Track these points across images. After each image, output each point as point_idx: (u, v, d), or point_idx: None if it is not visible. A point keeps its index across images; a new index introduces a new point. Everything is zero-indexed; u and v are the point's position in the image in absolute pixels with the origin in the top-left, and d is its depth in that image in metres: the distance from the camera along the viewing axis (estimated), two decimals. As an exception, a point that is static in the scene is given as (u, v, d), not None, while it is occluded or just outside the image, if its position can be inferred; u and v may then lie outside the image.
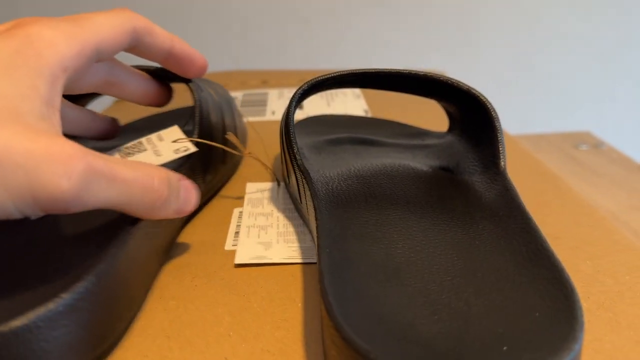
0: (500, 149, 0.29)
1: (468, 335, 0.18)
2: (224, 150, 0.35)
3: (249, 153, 0.35)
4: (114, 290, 0.22)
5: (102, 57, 0.25)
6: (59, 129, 0.21)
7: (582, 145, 0.72)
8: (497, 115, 0.29)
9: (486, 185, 0.28)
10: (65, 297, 0.19)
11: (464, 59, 0.94)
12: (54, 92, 0.21)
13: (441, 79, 0.31)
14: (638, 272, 0.26)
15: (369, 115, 0.51)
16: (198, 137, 0.32)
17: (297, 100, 0.32)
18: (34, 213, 0.19)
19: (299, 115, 0.52)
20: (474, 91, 0.30)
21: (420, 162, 0.32)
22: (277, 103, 0.56)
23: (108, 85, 0.30)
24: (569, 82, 0.97)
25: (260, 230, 0.31)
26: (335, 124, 0.42)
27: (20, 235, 0.25)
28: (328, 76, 0.32)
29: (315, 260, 0.28)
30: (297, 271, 0.27)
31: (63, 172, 0.19)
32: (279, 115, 0.52)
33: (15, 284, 0.21)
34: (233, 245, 0.30)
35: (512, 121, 0.97)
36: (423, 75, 0.32)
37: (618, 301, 0.24)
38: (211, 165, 0.34)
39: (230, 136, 0.33)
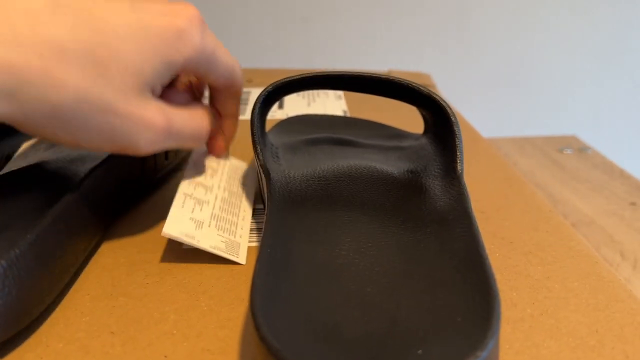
0: (458, 154, 0.29)
1: (390, 337, 0.18)
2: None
3: None
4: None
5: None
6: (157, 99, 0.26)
7: (566, 149, 0.72)
8: (456, 120, 0.30)
9: (443, 189, 0.28)
10: None
11: (455, 60, 0.94)
12: (170, 78, 0.26)
13: (403, 83, 0.31)
14: (587, 278, 0.27)
15: (348, 115, 0.51)
16: None
17: (262, 102, 0.32)
18: (115, 152, 0.25)
19: (279, 114, 0.52)
20: (434, 96, 0.30)
21: (389, 165, 0.32)
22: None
23: None
24: (559, 85, 0.97)
25: (196, 204, 0.30)
26: (317, 123, 0.42)
27: None
28: (292, 78, 0.32)
29: (240, 261, 0.28)
30: (252, 271, 0.27)
31: (152, 139, 0.25)
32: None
33: None
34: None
35: (503, 123, 0.97)
36: (385, 78, 0.32)
37: (562, 307, 0.24)
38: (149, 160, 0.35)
39: None
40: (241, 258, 0.28)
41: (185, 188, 0.31)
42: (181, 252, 0.29)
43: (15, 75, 0.20)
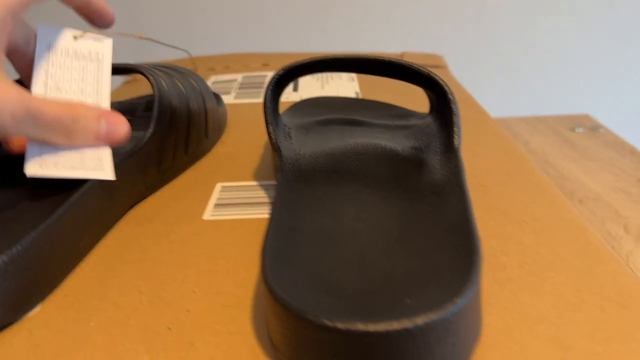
0: (455, 129, 0.31)
1: (384, 291, 0.21)
2: (186, 139, 0.38)
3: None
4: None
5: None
6: (2, 70, 0.26)
7: (578, 128, 0.73)
8: (454, 98, 0.32)
9: (441, 163, 0.30)
10: None
11: (470, 42, 0.95)
12: (2, 36, 0.25)
13: (404, 64, 0.33)
14: (575, 245, 0.28)
15: (360, 97, 0.53)
16: (156, 122, 0.35)
17: (274, 85, 0.34)
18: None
19: (293, 97, 0.54)
20: (433, 76, 0.32)
21: (396, 142, 0.34)
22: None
23: None
24: (574, 64, 0.97)
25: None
26: (330, 105, 0.44)
27: None
28: (301, 62, 0.34)
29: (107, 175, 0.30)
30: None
31: (8, 112, 0.24)
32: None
33: None
34: (211, 216, 0.33)
35: (518, 103, 0.98)
36: (388, 60, 0.34)
37: (549, 270, 0.27)
38: (168, 153, 0.37)
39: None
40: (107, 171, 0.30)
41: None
42: (201, 224, 0.32)
43: None
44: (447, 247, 0.23)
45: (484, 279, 0.26)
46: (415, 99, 0.51)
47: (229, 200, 0.34)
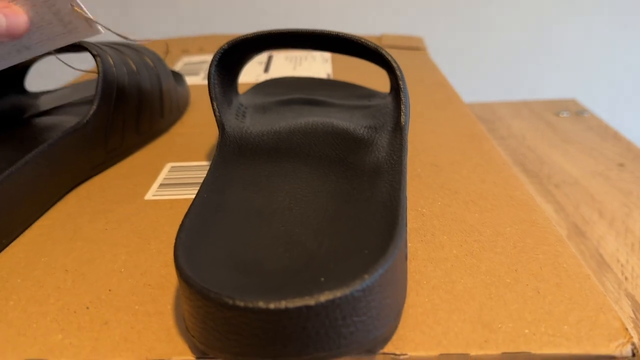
0: (402, 107, 0.30)
1: (304, 270, 0.20)
2: (137, 118, 0.37)
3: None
4: None
5: None
6: None
7: (562, 113, 0.71)
8: (401, 74, 0.31)
9: (388, 142, 0.29)
10: None
11: (454, 25, 0.93)
12: None
13: (353, 39, 0.32)
14: (521, 224, 0.28)
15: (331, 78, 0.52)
16: (100, 99, 0.34)
17: (218, 60, 0.33)
18: None
19: (264, 78, 0.53)
20: (381, 51, 0.31)
21: (351, 122, 0.33)
22: (246, 67, 0.57)
23: None
24: (564, 47, 0.96)
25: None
26: (294, 85, 0.43)
27: None
28: (246, 36, 0.33)
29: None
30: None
31: None
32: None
33: None
34: (153, 196, 0.32)
35: (503, 87, 0.97)
36: (337, 35, 0.33)
37: (488, 250, 0.26)
38: (116, 132, 0.36)
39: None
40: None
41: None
42: (142, 204, 0.31)
43: None
44: (373, 225, 0.22)
45: (418, 258, 0.25)
46: (383, 79, 0.50)
47: (175, 180, 0.33)
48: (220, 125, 0.30)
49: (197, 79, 0.54)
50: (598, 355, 0.20)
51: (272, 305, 0.17)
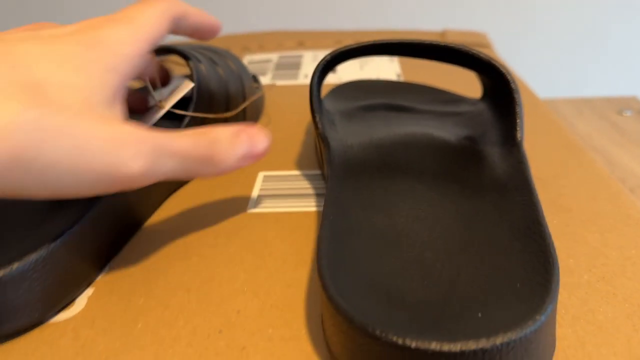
0: (518, 121, 0.29)
1: (450, 302, 0.19)
2: (223, 124, 0.37)
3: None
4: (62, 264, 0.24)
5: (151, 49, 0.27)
6: (125, 115, 0.24)
7: (626, 111, 0.70)
8: (517, 87, 0.30)
9: (502, 157, 0.28)
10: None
11: (511, 18, 0.91)
12: (122, 85, 0.24)
13: (463, 49, 0.31)
14: (646, 246, 0.27)
15: (401, 79, 0.51)
16: (194, 109, 0.34)
17: (320, 72, 0.32)
18: (104, 192, 0.22)
19: (331, 78, 0.52)
20: (494, 63, 0.30)
21: (446, 131, 0.32)
22: (311, 66, 0.57)
23: None
24: (621, 43, 0.93)
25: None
26: (371, 89, 0.43)
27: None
28: (350, 47, 0.32)
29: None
30: (312, 235, 0.29)
31: (135, 153, 0.21)
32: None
33: None
34: (256, 209, 0.31)
35: (561, 83, 0.95)
36: (445, 45, 0.32)
37: (619, 274, 0.25)
38: None
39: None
40: None
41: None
42: (245, 216, 0.31)
43: None
44: (517, 252, 0.21)
45: (550, 284, 0.24)
46: (459, 80, 0.49)
47: (272, 192, 0.33)
48: (326, 142, 0.30)
49: (264, 80, 0.54)
50: None
51: (446, 348, 0.17)
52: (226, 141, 0.26)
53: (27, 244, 0.23)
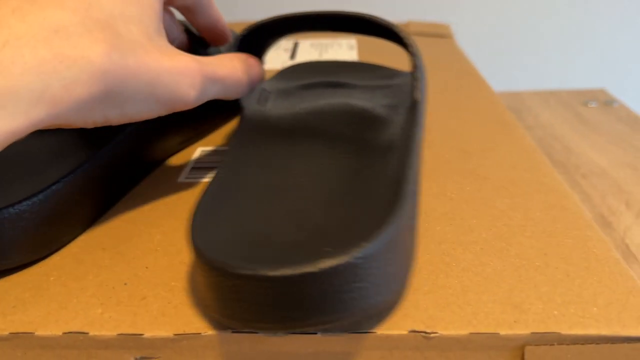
0: (416, 83, 0.30)
1: (311, 242, 0.20)
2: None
3: None
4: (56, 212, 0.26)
5: None
6: (165, 39, 0.26)
7: (591, 103, 0.70)
8: (416, 51, 0.31)
9: (403, 119, 0.29)
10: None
11: (483, 12, 0.92)
12: (162, 11, 0.26)
13: (365, 17, 0.32)
14: (551, 210, 0.28)
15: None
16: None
17: (237, 49, 0.33)
18: (162, 114, 0.25)
19: (289, 64, 0.53)
20: (394, 28, 0.31)
21: (370, 102, 0.33)
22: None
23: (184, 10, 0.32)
24: (594, 36, 0.94)
25: None
26: (319, 69, 0.44)
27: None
28: (263, 21, 0.33)
29: None
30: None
31: (191, 83, 0.24)
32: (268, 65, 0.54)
33: None
34: (186, 179, 0.32)
35: (532, 76, 0.96)
36: (353, 15, 0.32)
37: (518, 234, 0.26)
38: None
39: None
40: None
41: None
42: (175, 185, 0.32)
43: (44, 73, 0.19)
44: (379, 199, 0.22)
45: (447, 241, 0.25)
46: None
47: (204, 164, 0.34)
48: (240, 109, 0.31)
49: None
50: (627, 337, 0.20)
51: (274, 273, 0.18)
52: (257, 66, 0.30)
53: (27, 189, 0.25)
